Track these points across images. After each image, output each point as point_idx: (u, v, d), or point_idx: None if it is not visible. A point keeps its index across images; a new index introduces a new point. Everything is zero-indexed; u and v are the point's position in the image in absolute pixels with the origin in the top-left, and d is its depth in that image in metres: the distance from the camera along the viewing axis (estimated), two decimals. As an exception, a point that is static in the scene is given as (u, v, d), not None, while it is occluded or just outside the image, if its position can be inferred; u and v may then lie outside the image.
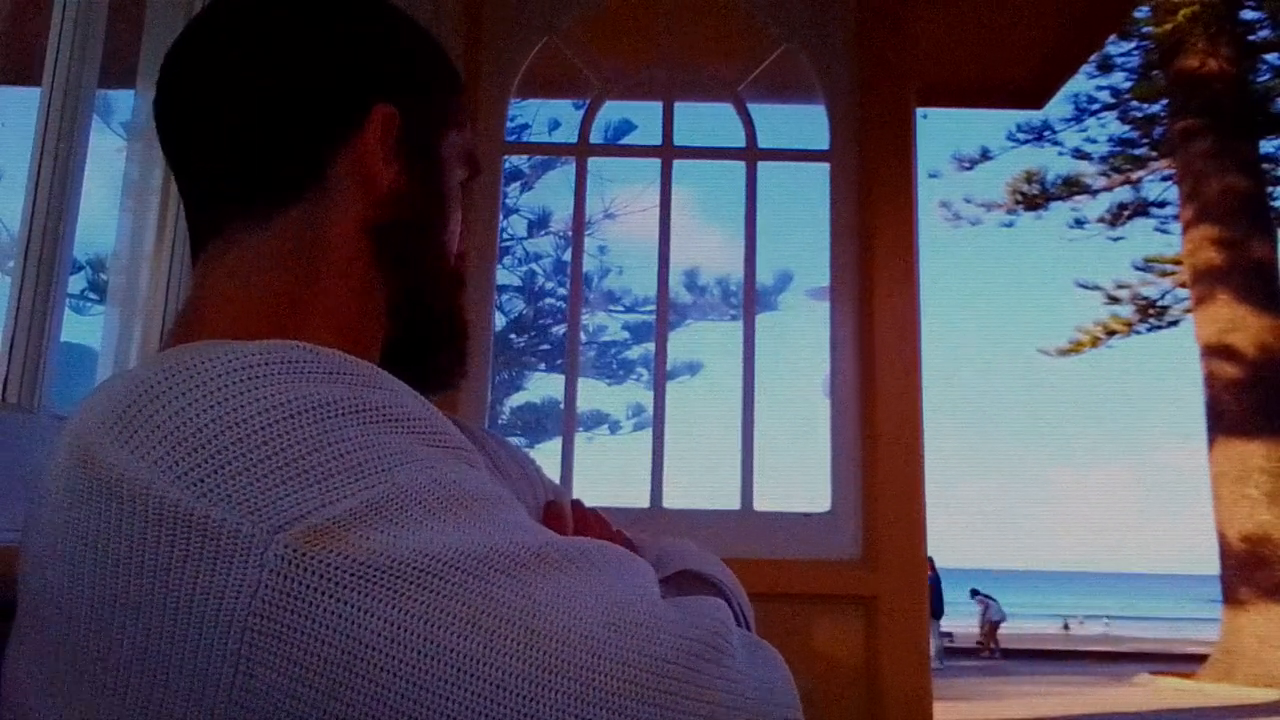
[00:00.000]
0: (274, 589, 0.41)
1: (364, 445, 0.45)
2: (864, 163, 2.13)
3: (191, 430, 0.44)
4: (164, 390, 0.46)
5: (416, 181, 0.66)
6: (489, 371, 2.14)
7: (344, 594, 0.40)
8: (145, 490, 0.43)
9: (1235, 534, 11.32)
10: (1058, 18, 2.46)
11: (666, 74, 2.28)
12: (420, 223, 0.67)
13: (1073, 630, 23.41)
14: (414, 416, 0.49)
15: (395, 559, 0.41)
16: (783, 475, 2.36)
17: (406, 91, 0.67)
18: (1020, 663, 14.50)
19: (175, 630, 0.41)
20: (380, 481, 0.44)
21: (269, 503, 0.42)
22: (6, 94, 1.21)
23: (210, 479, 0.42)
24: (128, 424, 0.45)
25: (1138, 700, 10.23)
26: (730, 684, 0.45)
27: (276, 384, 0.46)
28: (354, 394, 0.47)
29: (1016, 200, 16.19)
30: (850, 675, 1.91)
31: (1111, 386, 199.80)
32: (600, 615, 0.43)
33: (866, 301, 2.07)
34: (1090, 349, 16.03)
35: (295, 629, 0.40)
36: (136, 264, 1.19)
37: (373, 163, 0.64)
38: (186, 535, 0.42)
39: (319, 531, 0.41)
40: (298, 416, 0.44)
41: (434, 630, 0.40)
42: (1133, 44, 14.38)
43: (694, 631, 0.45)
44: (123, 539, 0.43)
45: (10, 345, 0.90)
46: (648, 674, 0.42)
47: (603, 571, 0.46)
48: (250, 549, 0.41)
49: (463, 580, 0.42)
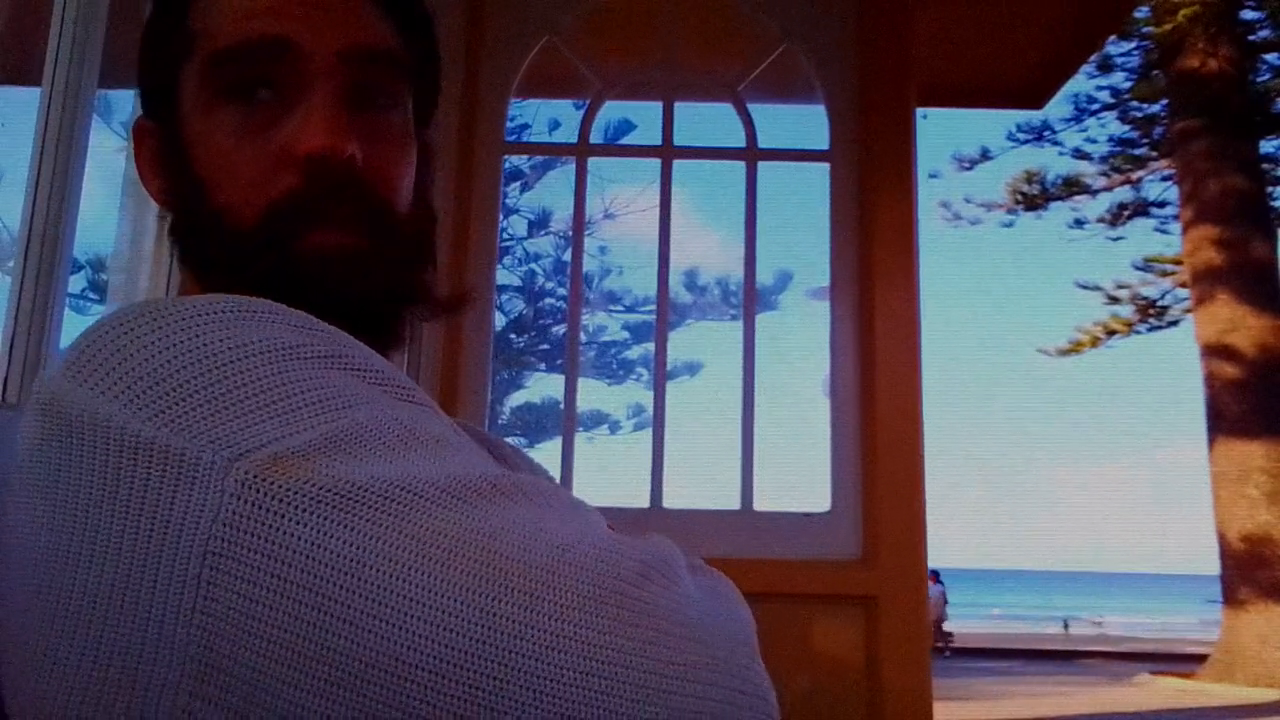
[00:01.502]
0: (234, 513, 0.41)
1: (324, 385, 0.45)
2: (864, 163, 2.13)
3: (154, 365, 0.44)
4: (126, 330, 0.46)
5: (173, 167, 0.61)
6: (489, 371, 2.14)
7: (303, 517, 0.41)
8: (105, 423, 0.43)
9: (1235, 534, 11.31)
10: (1058, 18, 2.46)
11: (666, 74, 2.28)
12: (185, 209, 0.61)
13: (1072, 630, 23.41)
14: (377, 369, 0.49)
15: (354, 484, 0.42)
16: (783, 475, 2.36)
17: (144, 87, 0.64)
18: (1020, 663, 14.50)
19: (134, 558, 0.41)
20: (339, 417, 0.44)
21: (230, 433, 0.42)
22: (6, 94, 1.21)
23: (171, 410, 0.43)
24: (87, 362, 0.45)
25: (1137, 700, 10.23)
26: (678, 600, 0.45)
27: (239, 326, 0.46)
28: (320, 342, 0.47)
29: (1016, 200, 16.19)
30: (850, 675, 1.91)
31: (1111, 386, 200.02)
32: (551, 540, 0.43)
33: (866, 301, 2.07)
34: (1090, 349, 16.02)
35: (255, 551, 0.40)
36: (136, 264, 1.19)
37: (144, 182, 0.64)
38: (147, 464, 0.42)
39: (279, 459, 0.42)
40: (262, 355, 0.45)
41: (391, 550, 0.41)
42: (1133, 44, 14.38)
43: (644, 557, 0.45)
44: (83, 472, 0.43)
45: (10, 345, 0.90)
46: (596, 588, 0.42)
47: (554, 505, 0.47)
48: (210, 476, 0.41)
49: (419, 504, 0.42)
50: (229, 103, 0.57)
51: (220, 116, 0.58)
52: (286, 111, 0.57)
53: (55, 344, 0.93)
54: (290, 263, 0.56)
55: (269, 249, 0.56)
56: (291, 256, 0.56)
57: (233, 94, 0.58)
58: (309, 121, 0.56)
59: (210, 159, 0.58)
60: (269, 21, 0.57)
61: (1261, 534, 11.15)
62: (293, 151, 0.56)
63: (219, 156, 0.57)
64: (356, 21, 0.60)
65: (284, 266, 0.56)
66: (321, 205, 0.56)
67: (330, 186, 0.56)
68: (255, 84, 0.57)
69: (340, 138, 0.56)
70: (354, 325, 0.54)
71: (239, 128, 0.57)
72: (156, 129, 0.63)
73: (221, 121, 0.57)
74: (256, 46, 0.57)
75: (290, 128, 0.57)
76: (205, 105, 0.58)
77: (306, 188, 0.56)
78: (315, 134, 0.56)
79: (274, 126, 0.57)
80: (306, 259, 0.56)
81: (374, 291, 0.58)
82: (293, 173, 0.56)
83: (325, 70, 0.58)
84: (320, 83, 0.57)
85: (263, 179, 0.57)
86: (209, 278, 0.59)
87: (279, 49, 0.57)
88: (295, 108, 0.57)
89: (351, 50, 0.58)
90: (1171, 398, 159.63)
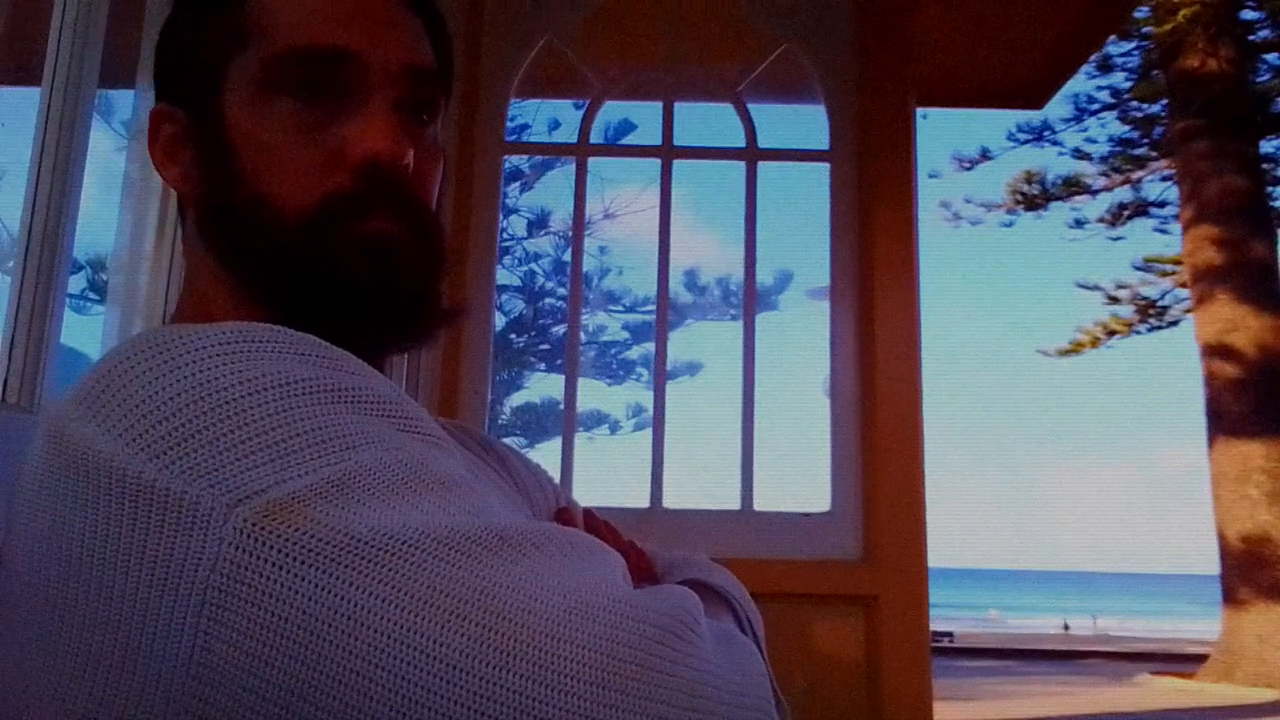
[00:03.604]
0: (232, 563, 0.40)
1: (329, 424, 0.45)
2: (864, 163, 2.13)
3: (158, 403, 0.44)
4: (133, 366, 0.46)
5: (205, 156, 0.61)
6: (489, 371, 2.14)
7: (300, 570, 0.40)
8: (109, 462, 0.43)
9: (1235, 534, 11.30)
10: (1058, 18, 2.46)
11: (666, 74, 2.28)
12: (218, 199, 0.60)
13: (1072, 630, 23.41)
14: (384, 399, 0.48)
15: (353, 536, 0.41)
16: (783, 475, 2.36)
17: (164, 73, 0.65)
18: (1020, 663, 14.50)
19: (135, 603, 0.41)
20: (342, 459, 0.43)
21: (229, 476, 0.42)
22: (6, 94, 1.21)
23: (173, 451, 0.43)
24: (96, 399, 0.46)
25: (1138, 700, 10.23)
26: (694, 671, 0.43)
27: (245, 360, 0.46)
28: (323, 374, 0.47)
29: (1016, 200, 16.17)
30: (850, 675, 1.90)
31: (1111, 386, 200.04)
32: (561, 598, 0.42)
33: (866, 301, 2.07)
34: (1090, 349, 16.01)
35: (252, 604, 0.40)
36: (136, 264, 1.19)
37: (161, 170, 0.64)
38: (148, 508, 0.42)
39: (278, 506, 0.41)
40: (264, 392, 0.44)
41: (390, 609, 0.40)
42: (1133, 44, 14.37)
43: (658, 617, 0.43)
44: (87, 512, 0.43)
45: (10, 345, 0.90)
46: (607, 658, 0.40)
47: (567, 556, 0.45)
48: (210, 522, 0.41)
49: (421, 559, 0.41)
50: (284, 98, 0.58)
51: (273, 110, 0.58)
52: (343, 114, 0.59)
53: (55, 344, 0.93)
54: (337, 248, 0.57)
55: (318, 236, 0.57)
56: (338, 242, 0.57)
57: (289, 91, 0.58)
58: (371, 126, 0.58)
59: (256, 149, 0.58)
60: (336, 31, 0.59)
61: (1261, 534, 11.13)
62: (350, 152, 0.58)
63: (267, 148, 0.58)
64: (414, 42, 0.62)
65: (330, 252, 0.57)
66: (372, 203, 0.58)
67: (381, 188, 0.58)
68: (315, 86, 0.59)
69: (402, 145, 0.58)
70: (386, 321, 0.57)
71: (292, 123, 0.58)
72: (180, 115, 0.62)
73: (274, 115, 0.58)
74: (324, 53, 0.58)
75: (349, 130, 0.58)
76: (256, 98, 0.59)
77: (355, 187, 0.58)
78: (378, 138, 0.58)
79: (329, 127, 0.58)
80: (353, 244, 0.57)
81: (416, 278, 0.60)
82: (343, 173, 0.58)
83: (385, 82, 0.59)
84: (379, 93, 0.59)
85: (314, 174, 0.58)
86: (238, 263, 0.59)
87: (344, 59, 0.59)
88: (352, 112, 0.59)
89: (410, 68, 0.61)
90: (1171, 398, 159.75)
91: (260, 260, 0.58)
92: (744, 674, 0.49)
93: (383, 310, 0.57)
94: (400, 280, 0.58)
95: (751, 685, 0.49)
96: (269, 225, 0.58)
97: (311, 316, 0.55)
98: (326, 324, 0.54)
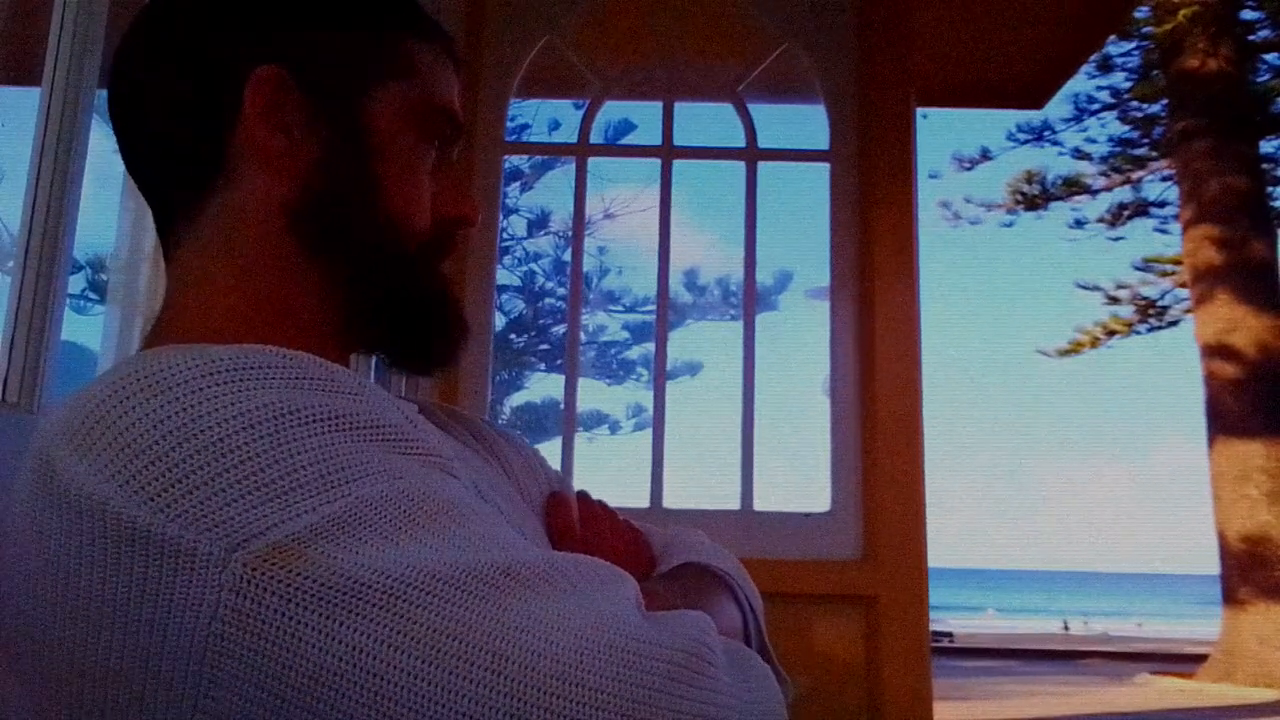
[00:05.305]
0: (233, 609, 0.40)
1: (326, 456, 0.43)
2: (864, 163, 2.13)
3: (149, 442, 0.42)
4: (123, 399, 0.44)
5: (334, 146, 0.60)
6: (489, 371, 2.14)
7: (303, 615, 0.39)
8: (102, 506, 0.42)
9: (1235, 534, 11.30)
10: (1058, 18, 2.46)
11: (666, 74, 2.28)
12: (343, 194, 0.60)
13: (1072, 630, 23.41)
14: (383, 423, 0.47)
15: (356, 579, 0.40)
16: (783, 475, 2.36)
17: (298, 45, 0.60)
18: (1020, 663, 14.50)
19: (136, 652, 0.40)
20: (342, 495, 0.42)
21: (227, 519, 0.41)
22: (6, 94, 1.21)
23: (167, 494, 0.41)
24: (87, 434, 0.44)
25: (1138, 700, 10.22)
26: (709, 706, 0.43)
27: (237, 391, 0.44)
28: (319, 401, 0.45)
29: (1016, 200, 16.17)
30: (850, 675, 1.91)
31: (1111, 386, 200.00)
32: (572, 639, 0.41)
33: (866, 301, 2.07)
34: (1090, 349, 16.01)
35: (255, 651, 0.39)
36: (136, 264, 1.19)
37: (259, 136, 0.58)
38: (145, 554, 0.41)
39: (278, 549, 0.40)
40: (258, 426, 0.43)
41: (395, 655, 0.39)
42: (1133, 44, 14.37)
43: (670, 653, 0.43)
44: (83, 558, 0.42)
45: (10, 345, 0.90)
46: (619, 700, 0.40)
47: (577, 590, 0.44)
48: (209, 568, 0.40)
49: (426, 602, 0.40)
50: (425, 141, 0.64)
51: (417, 144, 0.63)
52: (438, 169, 0.65)
53: (55, 344, 0.93)
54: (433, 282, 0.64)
55: (423, 264, 0.63)
56: (434, 277, 0.64)
57: (428, 138, 0.64)
58: (466, 193, 0.67)
59: (401, 169, 0.62)
60: (458, 103, 0.66)
61: (1261, 534, 11.13)
62: (449, 209, 0.65)
63: (410, 173, 0.63)
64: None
65: (428, 283, 0.64)
66: (446, 250, 0.66)
67: (450, 241, 0.66)
68: (444, 142, 0.66)
69: (478, 214, 0.67)
70: (444, 349, 0.64)
71: (422, 161, 0.64)
72: (298, 90, 0.59)
73: (418, 149, 0.63)
74: (457, 122, 0.66)
75: (447, 187, 0.65)
76: (408, 128, 0.63)
77: (434, 235, 0.64)
78: (475, 207, 0.66)
79: (432, 176, 0.64)
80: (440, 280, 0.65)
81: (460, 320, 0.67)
82: (427, 218, 0.63)
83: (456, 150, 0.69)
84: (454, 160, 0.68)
85: (420, 211, 0.63)
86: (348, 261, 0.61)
87: (462, 134, 0.67)
88: (442, 169, 0.65)
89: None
90: (1171, 398, 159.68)
91: (380, 268, 0.61)
92: (760, 702, 0.48)
93: (446, 340, 0.64)
94: (451, 335, 0.65)
95: (769, 714, 0.49)
96: (401, 238, 0.61)
97: (395, 332, 0.62)
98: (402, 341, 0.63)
